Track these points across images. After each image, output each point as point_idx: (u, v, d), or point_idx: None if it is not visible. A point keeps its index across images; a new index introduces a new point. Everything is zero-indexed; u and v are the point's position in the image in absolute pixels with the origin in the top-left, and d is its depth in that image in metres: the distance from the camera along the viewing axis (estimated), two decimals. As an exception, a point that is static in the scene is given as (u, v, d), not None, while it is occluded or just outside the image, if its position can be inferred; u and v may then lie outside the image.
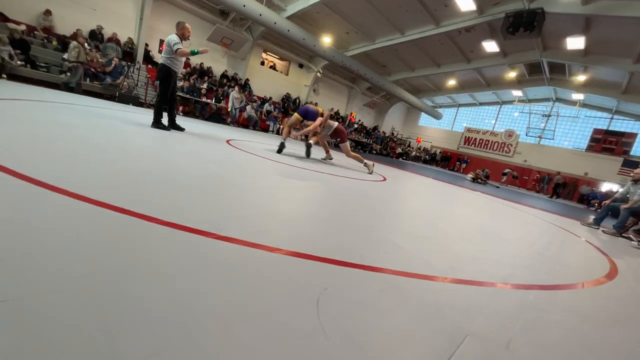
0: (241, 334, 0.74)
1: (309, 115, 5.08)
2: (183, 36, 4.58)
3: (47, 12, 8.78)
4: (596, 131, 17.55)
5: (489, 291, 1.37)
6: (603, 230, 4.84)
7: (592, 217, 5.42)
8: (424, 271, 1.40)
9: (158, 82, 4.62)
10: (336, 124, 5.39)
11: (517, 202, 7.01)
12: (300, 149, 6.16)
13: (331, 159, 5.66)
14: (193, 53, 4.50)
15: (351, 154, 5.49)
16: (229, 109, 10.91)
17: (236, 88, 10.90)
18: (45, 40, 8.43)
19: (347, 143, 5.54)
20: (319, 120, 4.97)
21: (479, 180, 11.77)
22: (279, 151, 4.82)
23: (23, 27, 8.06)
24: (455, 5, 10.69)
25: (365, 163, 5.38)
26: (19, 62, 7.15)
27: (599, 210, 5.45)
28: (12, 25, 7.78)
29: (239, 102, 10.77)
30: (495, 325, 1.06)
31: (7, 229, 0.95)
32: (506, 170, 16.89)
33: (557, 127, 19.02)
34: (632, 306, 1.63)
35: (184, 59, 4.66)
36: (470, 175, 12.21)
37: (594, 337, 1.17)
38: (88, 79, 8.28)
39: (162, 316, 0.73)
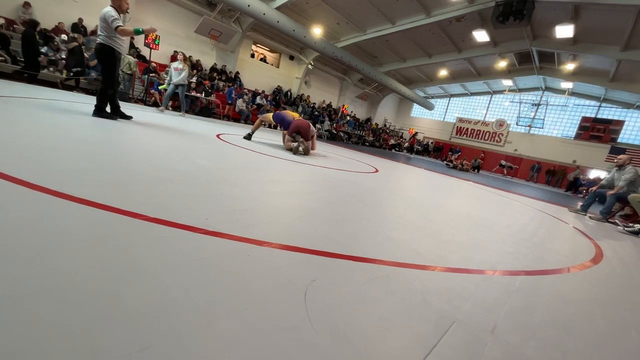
0: (227, 328, 0.73)
1: (284, 124, 5.05)
2: (120, 8, 3.91)
3: (27, 5, 8.44)
4: (584, 119, 17.78)
5: (476, 278, 1.39)
6: (590, 216, 4.96)
7: (579, 204, 5.53)
8: (412, 261, 1.42)
9: (100, 64, 4.02)
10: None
11: (507, 191, 7.12)
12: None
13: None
14: (137, 32, 3.89)
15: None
16: (165, 84, 7.88)
17: (179, 56, 7.67)
18: (26, 34, 8.13)
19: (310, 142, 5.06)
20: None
21: (472, 170, 11.88)
22: (248, 137, 5.23)
23: (1, 21, 7.76)
24: (446, -7, 10.64)
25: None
26: (-2, 58, 6.90)
27: (586, 197, 5.57)
28: (-10, 19, 7.48)
29: (179, 74, 7.37)
30: (481, 312, 1.08)
31: (-16, 229, 0.92)
32: (502, 162, 17.10)
33: (547, 116, 19.22)
34: (614, 288, 1.68)
35: (127, 37, 3.98)
36: (448, 162, 12.25)
37: (576, 319, 1.20)
38: (71, 74, 8.04)
39: (147, 313, 0.72)
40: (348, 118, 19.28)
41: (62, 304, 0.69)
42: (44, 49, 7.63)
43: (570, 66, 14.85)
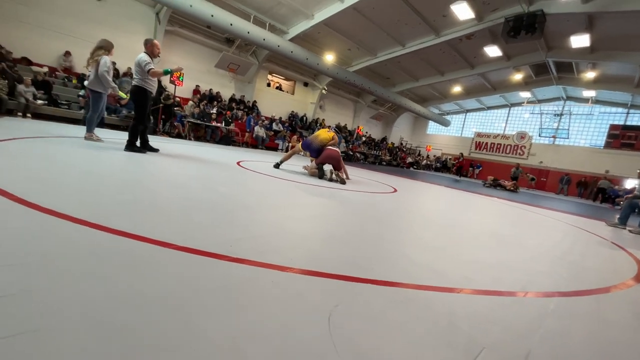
0: (252, 354, 0.75)
1: (311, 150, 5.17)
2: (152, 54, 4.41)
3: (67, 54, 9.40)
4: (613, 127, 16.98)
5: (506, 301, 1.33)
6: (630, 230, 4.62)
7: (617, 217, 5.18)
8: (437, 283, 1.39)
9: (134, 103, 4.40)
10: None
11: (536, 206, 6.80)
12: (302, 162, 6.23)
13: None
14: (166, 72, 4.34)
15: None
16: (86, 82, 5.49)
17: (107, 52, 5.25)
18: (66, 80, 8.99)
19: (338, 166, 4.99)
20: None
21: (510, 188, 11.37)
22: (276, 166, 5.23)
23: (45, 69, 8.65)
24: (454, 15, 10.83)
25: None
26: (41, 102, 7.62)
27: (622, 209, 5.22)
28: (35, 69, 8.38)
29: (90, 72, 5.16)
30: (513, 337, 1.04)
31: (26, 261, 1.00)
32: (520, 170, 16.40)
33: (571, 125, 18.54)
34: (663, 310, 1.55)
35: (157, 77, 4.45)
36: (487, 180, 11.95)
37: (619, 344, 1.12)
38: (105, 113, 8.72)
39: (174, 339, 0.76)
40: (364, 139, 19.43)
41: (90, 333, 0.74)
42: (81, 92, 8.37)
43: (590, 74, 14.43)
